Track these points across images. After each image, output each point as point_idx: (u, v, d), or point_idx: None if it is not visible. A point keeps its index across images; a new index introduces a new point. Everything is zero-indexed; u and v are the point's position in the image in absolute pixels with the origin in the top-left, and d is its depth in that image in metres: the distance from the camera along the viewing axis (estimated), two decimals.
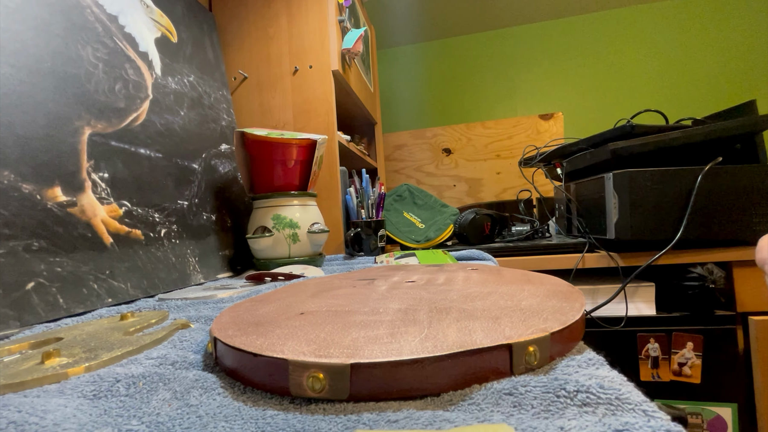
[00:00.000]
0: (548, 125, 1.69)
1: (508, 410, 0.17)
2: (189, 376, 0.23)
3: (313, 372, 0.19)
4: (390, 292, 0.34)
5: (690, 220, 0.72)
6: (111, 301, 0.46)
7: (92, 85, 0.52)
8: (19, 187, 0.40)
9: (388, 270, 0.50)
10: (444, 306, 0.28)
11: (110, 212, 0.50)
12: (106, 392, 0.21)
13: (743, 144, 0.76)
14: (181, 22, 0.76)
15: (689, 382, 0.76)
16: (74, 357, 0.26)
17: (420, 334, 0.22)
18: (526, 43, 1.90)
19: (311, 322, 0.25)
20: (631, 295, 0.80)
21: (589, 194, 0.88)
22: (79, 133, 0.48)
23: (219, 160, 0.77)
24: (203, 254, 0.65)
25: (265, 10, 0.98)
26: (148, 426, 0.18)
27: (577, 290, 0.31)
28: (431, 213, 1.09)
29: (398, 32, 1.90)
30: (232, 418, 0.18)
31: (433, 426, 0.16)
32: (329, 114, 0.94)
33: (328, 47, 0.94)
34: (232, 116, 0.86)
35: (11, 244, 0.38)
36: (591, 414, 0.16)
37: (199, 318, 0.38)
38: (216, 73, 0.85)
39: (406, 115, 2.02)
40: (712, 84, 1.73)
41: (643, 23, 1.78)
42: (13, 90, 0.42)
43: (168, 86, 0.67)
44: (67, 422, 0.18)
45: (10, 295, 0.36)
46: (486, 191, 1.75)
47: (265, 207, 0.70)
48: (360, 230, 0.87)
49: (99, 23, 0.56)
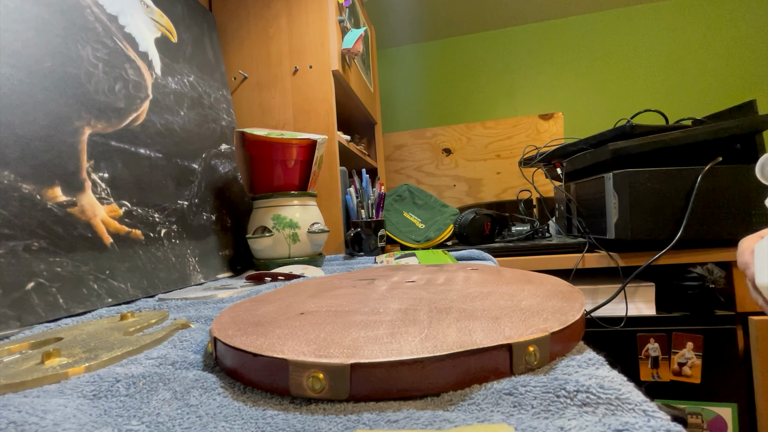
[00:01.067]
0: (548, 125, 1.69)
1: (508, 410, 0.17)
2: (189, 376, 0.23)
3: (313, 372, 0.19)
4: (390, 292, 0.34)
5: (690, 220, 0.72)
6: (111, 301, 0.46)
7: (92, 85, 0.52)
8: (19, 187, 0.40)
9: (388, 270, 0.50)
10: (444, 306, 0.28)
11: (110, 212, 0.50)
12: (106, 392, 0.21)
13: (743, 144, 0.76)
14: (181, 22, 0.76)
15: (689, 382, 0.76)
16: (74, 357, 0.26)
17: (420, 334, 0.22)
18: (526, 43, 1.90)
19: (311, 322, 0.25)
20: (631, 295, 0.80)
21: (589, 194, 0.88)
22: (79, 133, 0.48)
23: (219, 160, 0.77)
24: (203, 254, 0.65)
25: (265, 10, 0.98)
26: (148, 426, 0.18)
27: (577, 290, 0.31)
28: (431, 213, 1.09)
29: (398, 32, 1.90)
30: (232, 418, 0.18)
31: (433, 426, 0.16)
32: (329, 114, 0.94)
33: (328, 47, 0.94)
34: (232, 116, 0.86)
35: (11, 244, 0.38)
36: (591, 414, 0.16)
37: (199, 318, 0.38)
38: (216, 73, 0.85)
39: (406, 115, 2.02)
40: (712, 84, 1.73)
41: (643, 23, 1.78)
42: (13, 90, 0.42)
43: (168, 86, 0.67)
44: (67, 422, 0.18)
45: (10, 295, 0.36)
46: (486, 191, 1.75)
47: (265, 207, 0.70)
48: (360, 230, 0.87)
49: (99, 23, 0.56)
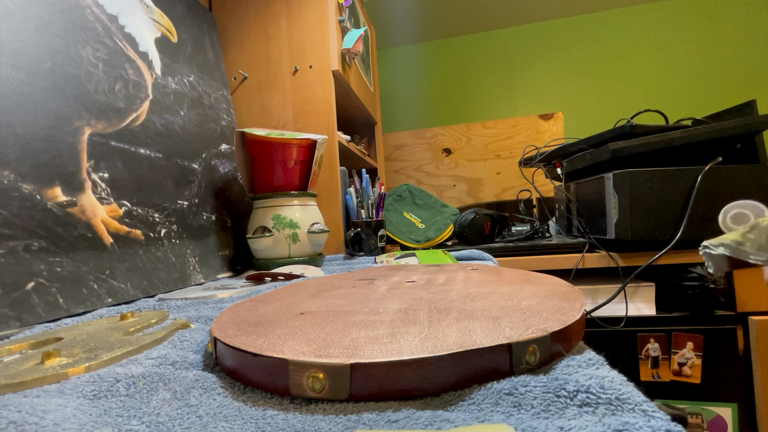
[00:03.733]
0: (548, 125, 1.69)
1: (508, 410, 0.17)
2: (189, 376, 0.23)
3: (312, 372, 0.19)
4: (390, 292, 0.34)
5: (690, 220, 0.72)
6: (111, 301, 0.46)
7: (92, 85, 0.52)
8: (19, 187, 0.40)
9: (388, 270, 0.50)
10: (444, 306, 0.28)
11: (110, 212, 0.50)
12: (106, 392, 0.21)
13: (743, 144, 0.76)
14: (181, 22, 0.76)
15: (689, 382, 0.76)
16: (74, 357, 0.26)
17: (420, 334, 0.22)
18: (525, 43, 1.90)
19: (311, 322, 0.25)
20: (631, 295, 0.80)
21: (589, 194, 0.88)
22: (79, 133, 0.48)
23: (219, 160, 0.77)
24: (203, 254, 0.65)
25: (265, 10, 0.98)
26: (148, 426, 0.18)
27: (577, 290, 0.31)
28: (431, 213, 1.09)
29: (398, 32, 1.90)
30: (232, 418, 0.18)
31: (433, 426, 0.16)
32: (329, 114, 0.94)
33: (328, 47, 0.94)
34: (232, 116, 0.86)
35: (11, 244, 0.38)
36: (591, 414, 0.16)
37: (199, 318, 0.38)
38: (216, 73, 0.85)
39: (406, 115, 2.02)
40: (712, 84, 1.73)
41: (643, 23, 1.78)
42: (13, 90, 0.42)
43: (168, 86, 0.67)
44: (67, 422, 0.18)
45: (10, 295, 0.36)
46: (486, 191, 1.75)
47: (265, 207, 0.70)
48: (360, 230, 0.87)
49: (99, 23, 0.56)
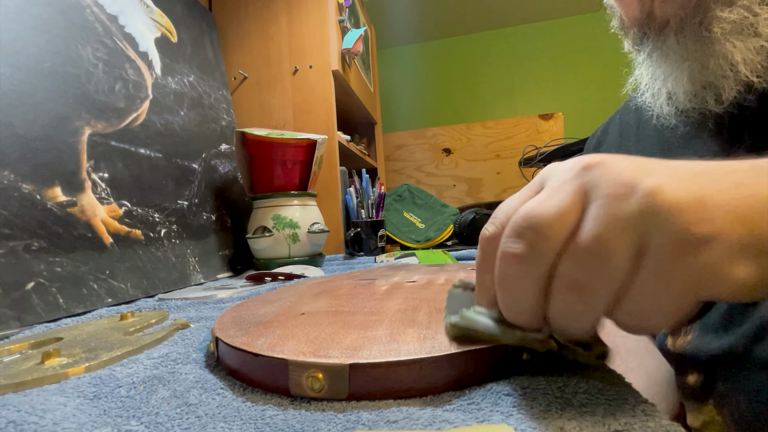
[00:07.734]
0: (548, 125, 1.69)
1: (508, 410, 0.17)
2: (189, 376, 0.23)
3: (312, 372, 0.19)
4: (390, 292, 0.34)
5: None
6: (111, 301, 0.46)
7: (92, 85, 0.52)
8: (19, 187, 0.40)
9: (389, 270, 0.50)
10: (444, 306, 0.28)
11: (110, 212, 0.50)
12: (106, 392, 0.21)
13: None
14: (181, 22, 0.76)
15: None
16: (74, 357, 0.26)
17: (419, 334, 0.22)
18: (525, 43, 1.90)
19: (311, 322, 0.25)
20: None
21: None
22: (79, 133, 0.48)
23: (219, 160, 0.77)
24: (203, 254, 0.65)
25: (265, 10, 0.98)
26: (148, 426, 0.18)
27: None
28: (431, 213, 1.09)
29: (398, 32, 1.90)
30: (231, 418, 0.18)
31: (432, 426, 0.16)
32: (329, 114, 0.94)
33: (328, 47, 0.94)
34: (232, 116, 0.86)
35: (11, 244, 0.38)
36: (590, 414, 0.16)
37: (199, 318, 0.38)
38: (216, 73, 0.85)
39: (406, 115, 2.02)
40: None
41: None
42: (13, 90, 0.42)
43: (168, 86, 0.67)
44: (67, 422, 0.18)
45: (10, 295, 0.36)
46: (486, 191, 1.75)
47: (265, 207, 0.70)
48: (360, 230, 0.87)
49: (99, 23, 0.56)
